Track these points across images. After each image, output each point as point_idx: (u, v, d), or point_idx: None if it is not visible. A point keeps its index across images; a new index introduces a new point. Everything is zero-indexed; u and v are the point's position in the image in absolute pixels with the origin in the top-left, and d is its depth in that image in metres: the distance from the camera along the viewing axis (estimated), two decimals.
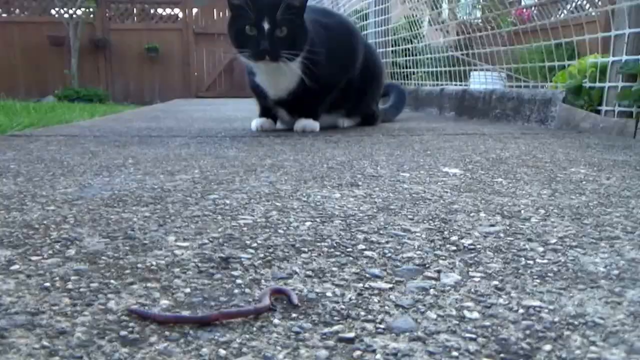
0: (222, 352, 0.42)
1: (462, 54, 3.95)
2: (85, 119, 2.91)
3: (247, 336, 0.45)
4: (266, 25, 1.92)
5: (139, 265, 0.61)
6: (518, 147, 1.88)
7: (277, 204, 0.91)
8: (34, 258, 0.63)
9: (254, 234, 0.74)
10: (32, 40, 9.10)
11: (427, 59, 4.44)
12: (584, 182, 1.16)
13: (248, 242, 0.71)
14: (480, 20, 4.06)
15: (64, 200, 0.91)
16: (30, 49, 9.13)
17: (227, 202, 0.92)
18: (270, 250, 0.67)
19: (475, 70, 4.09)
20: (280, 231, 0.76)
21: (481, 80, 3.93)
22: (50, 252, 0.65)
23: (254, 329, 0.46)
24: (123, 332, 0.45)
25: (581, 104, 2.78)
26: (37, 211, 0.84)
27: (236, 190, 1.01)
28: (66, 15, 8.93)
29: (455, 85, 4.04)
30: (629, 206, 0.94)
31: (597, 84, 2.63)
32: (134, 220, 0.80)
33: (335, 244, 0.70)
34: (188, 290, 0.55)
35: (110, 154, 1.49)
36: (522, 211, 0.89)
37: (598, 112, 2.64)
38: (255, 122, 2.32)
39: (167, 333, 0.45)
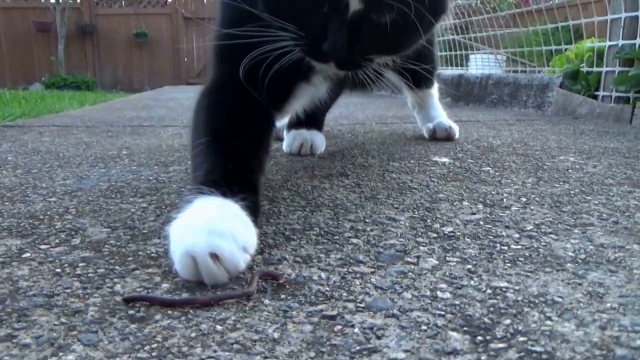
0: (219, 327, 0.50)
1: (461, 37, 4.01)
2: (75, 108, 2.98)
3: (241, 314, 0.52)
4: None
5: (140, 253, 0.69)
6: (511, 134, 1.95)
7: (268, 194, 0.98)
8: (42, 247, 0.70)
9: None
10: (18, 26, 9.13)
11: None
12: (570, 171, 1.24)
13: None
14: (479, 1, 4.11)
15: (64, 192, 0.98)
16: (16, 35, 9.16)
17: None
18: (262, 238, 0.75)
19: (473, 53, 4.15)
20: (272, 220, 0.83)
21: (480, 64, 3.99)
22: (57, 241, 0.73)
23: (247, 308, 0.54)
24: (131, 312, 0.52)
25: (578, 89, 2.84)
26: (40, 202, 0.91)
27: None
28: (52, 0, 8.95)
29: (453, 70, 4.10)
30: (609, 194, 1.02)
31: (595, 69, 2.69)
32: (132, 210, 0.87)
33: (323, 232, 0.78)
34: None
35: (103, 144, 1.56)
36: (504, 199, 0.97)
37: (595, 97, 2.71)
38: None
39: (169, 312, 0.52)
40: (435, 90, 1.83)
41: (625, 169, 1.27)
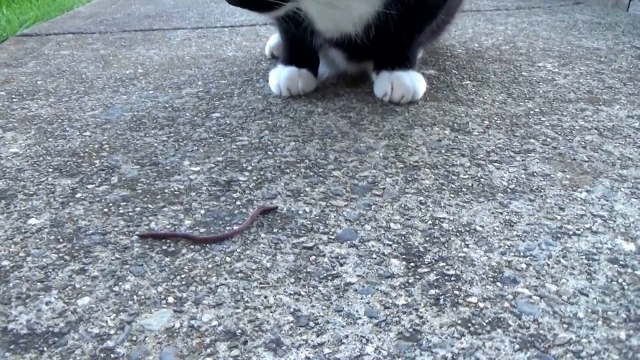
0: (228, 259, 0.73)
1: None
2: (84, 3, 3.13)
3: (244, 247, 0.75)
4: None
5: (166, 191, 0.91)
6: (505, 30, 2.10)
7: (269, 122, 1.19)
8: (89, 186, 0.92)
9: (249, 156, 1.03)
10: None
11: None
12: (540, 83, 1.42)
13: (244, 164, 0.99)
14: None
15: (95, 125, 1.19)
16: None
17: (228, 121, 1.20)
18: (262, 172, 0.96)
19: None
20: (270, 153, 1.04)
21: None
22: (99, 180, 0.94)
23: (249, 241, 0.76)
24: (164, 247, 0.75)
25: None
26: (78, 138, 1.12)
27: (234, 106, 1.29)
28: None
29: None
30: (563, 113, 1.21)
31: None
32: (155, 145, 1.08)
33: (311, 164, 0.99)
34: (203, 211, 0.84)
35: (119, 59, 1.75)
36: (470, 123, 1.17)
37: None
38: (280, 78, 1.36)
39: (192, 247, 0.75)
40: None
41: (592, 79, 1.45)
